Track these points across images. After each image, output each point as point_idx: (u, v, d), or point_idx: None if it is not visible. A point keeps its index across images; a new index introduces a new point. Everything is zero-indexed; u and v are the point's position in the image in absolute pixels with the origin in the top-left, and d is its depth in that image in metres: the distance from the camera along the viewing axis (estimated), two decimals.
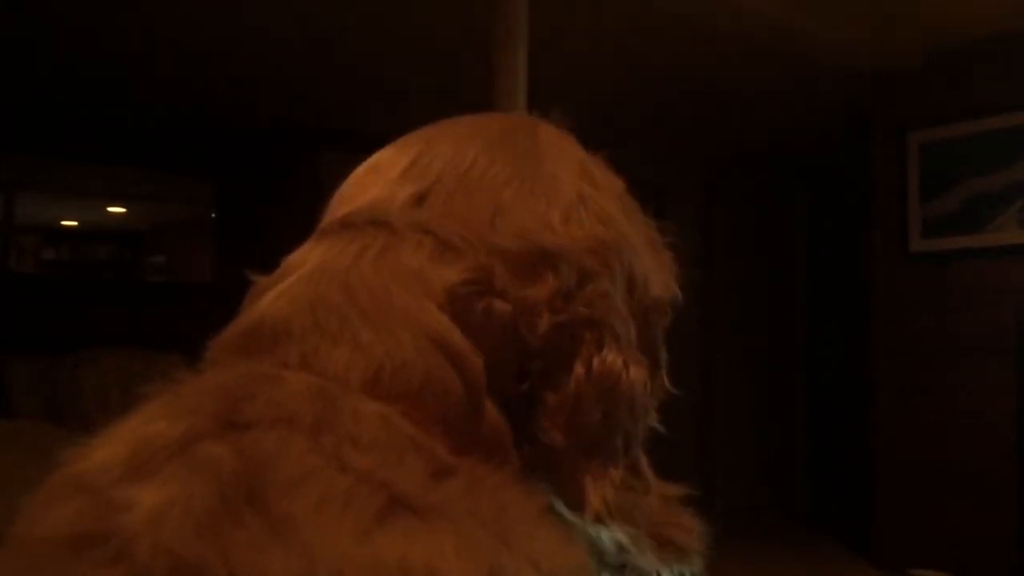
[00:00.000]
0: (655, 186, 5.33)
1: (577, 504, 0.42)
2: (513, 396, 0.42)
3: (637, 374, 0.45)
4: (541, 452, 0.42)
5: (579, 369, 0.43)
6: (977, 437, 3.46)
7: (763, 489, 5.34)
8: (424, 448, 0.36)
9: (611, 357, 0.44)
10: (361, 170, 0.53)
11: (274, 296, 0.43)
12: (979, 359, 3.46)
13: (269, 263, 0.50)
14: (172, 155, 4.90)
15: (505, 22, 2.48)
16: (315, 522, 0.30)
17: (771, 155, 5.32)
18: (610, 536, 0.44)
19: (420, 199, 0.46)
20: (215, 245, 5.27)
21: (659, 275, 0.54)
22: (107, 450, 0.34)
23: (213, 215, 5.38)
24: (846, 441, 5.06)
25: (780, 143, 5.16)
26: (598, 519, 0.42)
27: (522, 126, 0.53)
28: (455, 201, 0.46)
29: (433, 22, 3.35)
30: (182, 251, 7.81)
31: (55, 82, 4.13)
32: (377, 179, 0.50)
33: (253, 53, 3.73)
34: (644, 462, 0.49)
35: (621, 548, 0.44)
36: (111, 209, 7.53)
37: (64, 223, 8.35)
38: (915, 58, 3.63)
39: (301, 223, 0.60)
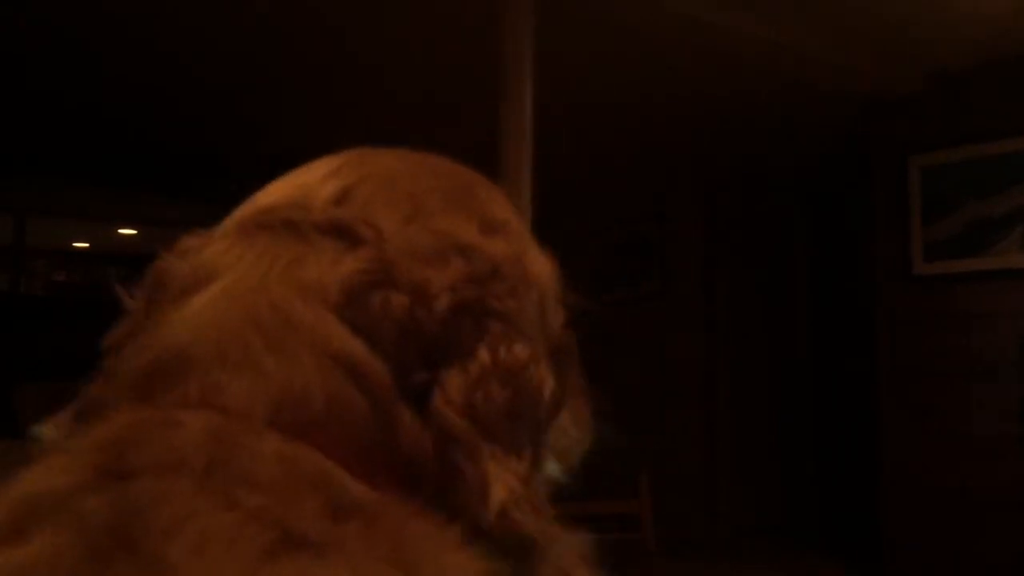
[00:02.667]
0: (657, 209, 5.37)
1: (479, 494, 0.39)
2: (418, 394, 0.40)
3: (547, 376, 0.43)
4: (439, 443, 0.40)
5: (483, 354, 0.41)
6: (981, 459, 3.45)
7: (769, 511, 5.31)
8: (326, 485, 0.34)
9: (519, 348, 0.42)
10: (289, 173, 0.53)
11: (179, 321, 0.41)
12: (982, 382, 3.46)
13: None
14: (184, 178, 4.95)
15: (512, 50, 2.52)
16: (195, 562, 0.29)
17: (772, 178, 5.35)
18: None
19: (342, 197, 0.45)
20: None
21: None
22: None
23: None
24: (852, 463, 5.05)
25: (781, 167, 5.19)
26: (505, 514, 0.39)
27: (461, 168, 0.54)
28: (376, 200, 0.45)
29: (445, 50, 3.40)
30: None
31: (66, 107, 4.19)
32: (302, 176, 0.49)
33: (266, 80, 3.79)
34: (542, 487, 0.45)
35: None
36: (122, 231, 7.60)
37: (75, 245, 8.42)
38: (916, 82, 3.66)
39: None
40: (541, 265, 0.50)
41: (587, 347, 0.54)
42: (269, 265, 0.42)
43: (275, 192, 0.49)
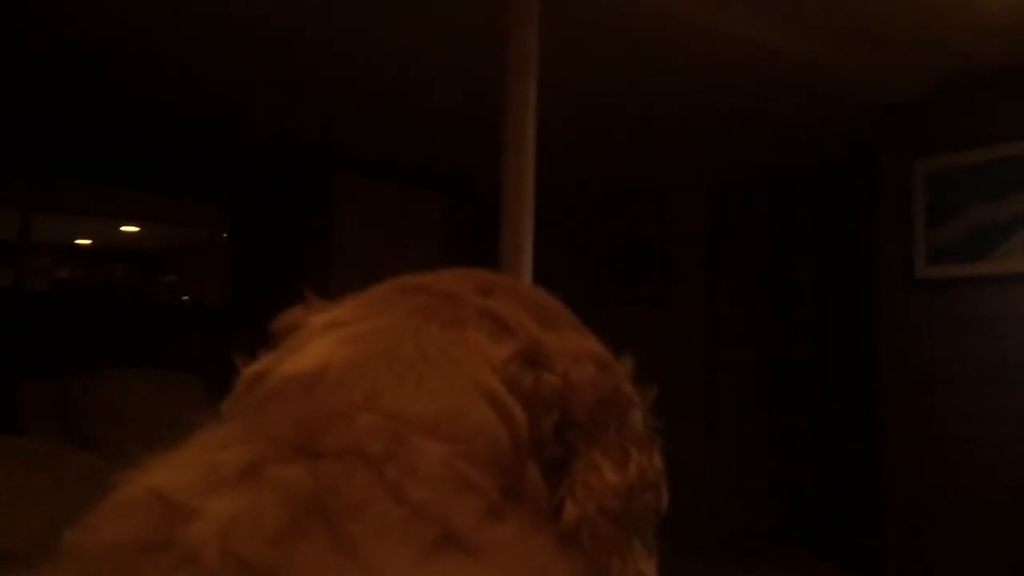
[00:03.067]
0: (662, 213, 5.37)
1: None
2: (548, 463, 0.45)
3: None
4: (581, 524, 0.45)
5: (640, 453, 0.48)
6: (982, 464, 3.45)
7: (769, 514, 5.31)
8: (479, 488, 0.37)
9: (657, 459, 0.50)
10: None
11: (344, 340, 0.46)
12: (985, 386, 3.46)
13: (280, 285, 0.53)
14: (187, 177, 4.97)
15: (516, 50, 2.52)
16: (374, 545, 0.31)
17: (777, 182, 5.35)
18: None
19: (485, 293, 0.52)
20: (228, 267, 5.32)
21: None
22: (175, 470, 0.35)
23: (226, 236, 5.43)
24: (854, 466, 5.05)
25: (785, 169, 5.19)
26: None
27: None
28: (511, 302, 0.51)
29: (445, 53, 3.41)
30: (196, 272, 7.87)
31: (71, 103, 4.20)
32: (432, 274, 0.55)
33: (268, 79, 3.79)
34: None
35: None
36: (125, 228, 7.61)
37: (78, 242, 8.43)
38: (921, 86, 3.66)
39: (313, 247, 0.63)
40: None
41: None
42: (432, 315, 0.48)
43: (413, 276, 0.55)
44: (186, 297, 7.55)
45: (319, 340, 0.46)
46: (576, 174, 5.21)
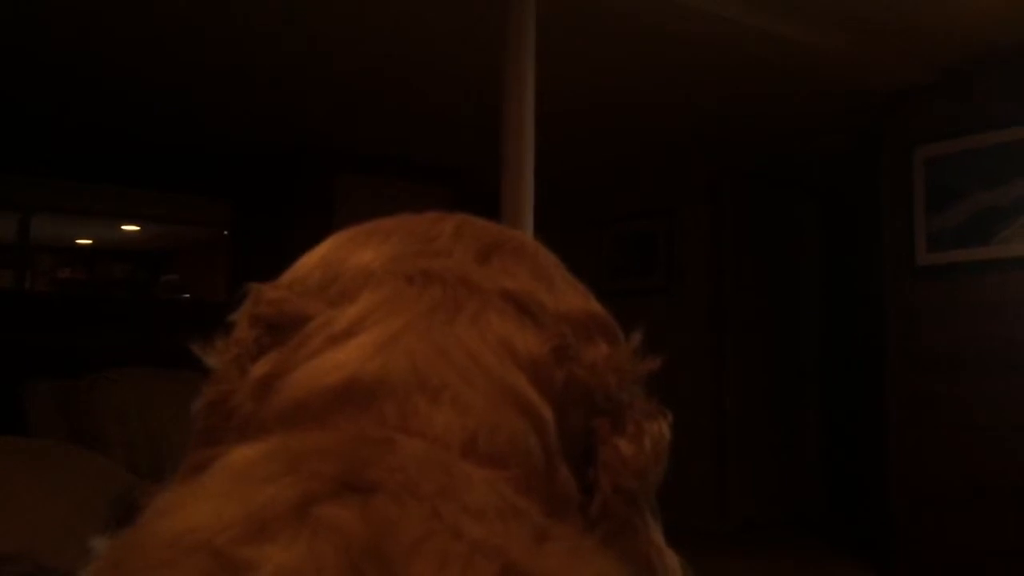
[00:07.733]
0: (665, 202, 5.36)
1: (656, 551, 0.47)
2: (575, 457, 0.45)
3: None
4: (602, 508, 0.45)
5: (651, 425, 0.48)
6: (987, 450, 3.45)
7: (776, 504, 5.32)
8: (524, 513, 0.36)
9: (666, 426, 0.49)
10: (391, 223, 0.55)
11: (366, 351, 0.43)
12: (987, 371, 3.46)
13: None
14: (188, 176, 4.96)
15: (513, 44, 2.52)
16: None
17: (780, 171, 5.34)
18: None
19: (481, 258, 0.49)
20: (229, 264, 5.32)
21: None
22: (215, 506, 0.33)
23: (227, 234, 5.44)
24: (860, 455, 5.05)
25: (788, 159, 5.18)
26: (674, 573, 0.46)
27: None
28: (514, 269, 0.49)
29: (445, 48, 3.40)
30: (196, 270, 7.88)
31: (71, 104, 4.20)
32: (414, 227, 0.52)
33: (268, 78, 3.79)
34: None
35: None
36: (126, 228, 7.62)
37: (79, 242, 8.44)
38: (922, 73, 3.65)
39: (314, 243, 0.61)
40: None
41: None
42: (453, 311, 0.45)
43: (400, 236, 0.51)
44: (188, 295, 7.56)
45: (337, 349, 0.44)
46: (584, 167, 5.20)
